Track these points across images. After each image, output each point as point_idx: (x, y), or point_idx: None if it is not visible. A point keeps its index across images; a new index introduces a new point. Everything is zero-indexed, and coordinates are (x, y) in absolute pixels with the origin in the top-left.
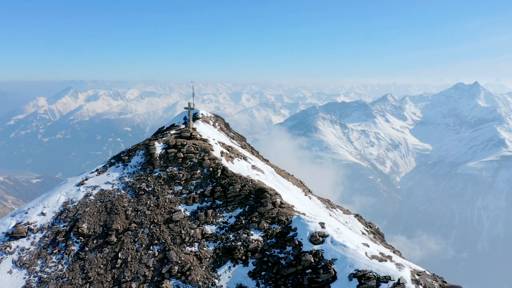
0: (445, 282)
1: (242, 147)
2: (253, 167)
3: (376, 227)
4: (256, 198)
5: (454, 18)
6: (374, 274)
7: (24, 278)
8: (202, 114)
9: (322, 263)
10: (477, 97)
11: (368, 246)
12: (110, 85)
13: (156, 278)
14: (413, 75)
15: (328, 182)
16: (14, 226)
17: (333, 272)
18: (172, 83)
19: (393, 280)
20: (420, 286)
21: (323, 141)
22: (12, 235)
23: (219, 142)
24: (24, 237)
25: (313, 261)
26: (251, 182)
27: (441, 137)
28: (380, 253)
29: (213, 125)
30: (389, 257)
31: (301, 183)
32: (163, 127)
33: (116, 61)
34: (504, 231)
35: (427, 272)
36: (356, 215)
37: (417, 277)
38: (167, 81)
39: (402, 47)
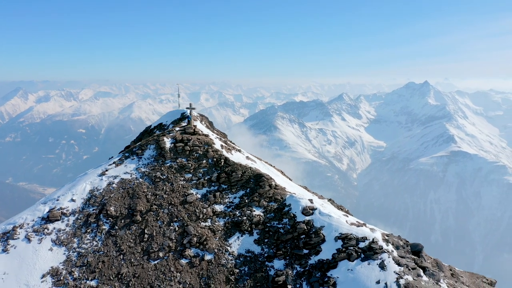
0: (408, 241)
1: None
2: (247, 157)
3: (346, 209)
4: (255, 182)
5: (404, 19)
6: (354, 236)
7: (64, 253)
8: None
9: (313, 230)
10: (427, 96)
11: (348, 216)
12: (62, 85)
13: (178, 248)
14: (367, 75)
15: None
16: (49, 211)
17: (322, 236)
18: (127, 83)
19: (369, 240)
20: (389, 243)
21: (283, 140)
22: (48, 219)
23: (217, 137)
24: (58, 220)
25: (306, 228)
26: (250, 169)
27: (394, 134)
28: (357, 221)
29: (200, 123)
30: (364, 224)
31: (282, 172)
32: (150, 126)
33: (68, 61)
34: (455, 223)
35: (394, 234)
36: (329, 200)
37: (386, 237)
38: (122, 81)
39: (356, 47)
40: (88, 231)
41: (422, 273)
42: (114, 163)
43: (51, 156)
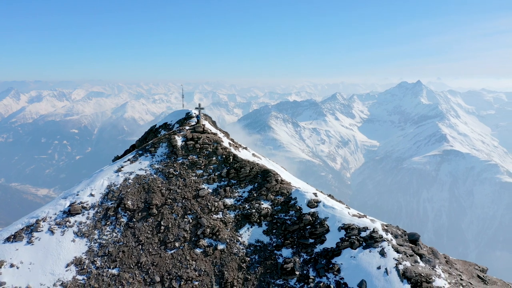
0: (405, 231)
1: None
2: (253, 155)
3: (346, 205)
4: (263, 177)
5: (396, 19)
6: (356, 226)
7: (86, 244)
8: (195, 113)
9: (318, 221)
10: (420, 95)
11: (349, 208)
12: (55, 85)
13: (193, 238)
14: (360, 75)
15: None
16: (70, 205)
17: (327, 226)
18: (120, 83)
19: (370, 229)
20: (388, 232)
21: (277, 140)
22: (69, 213)
23: (224, 136)
24: (79, 213)
25: (311, 219)
26: (257, 165)
27: (387, 134)
28: (358, 213)
29: (207, 122)
30: (365, 216)
31: (285, 169)
32: (155, 125)
33: (60, 61)
34: (448, 221)
35: (392, 225)
36: (329, 195)
37: (386, 227)
38: (115, 81)
39: (349, 47)
40: (107, 223)
41: (419, 260)
42: (128, 160)
43: (43, 156)
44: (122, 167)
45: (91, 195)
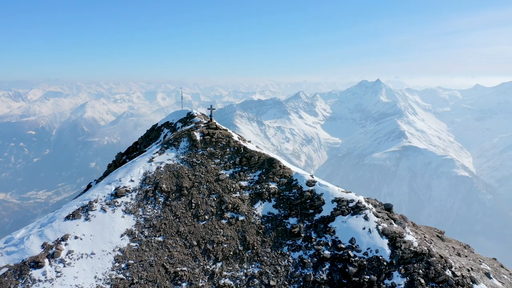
0: (382, 203)
1: None
2: (257, 147)
3: None
4: (269, 164)
5: (355, 18)
6: (345, 199)
7: (134, 219)
8: (196, 113)
9: (316, 196)
10: (379, 93)
11: (339, 187)
12: (9, 85)
13: (218, 212)
14: (322, 73)
15: None
16: (116, 189)
17: (322, 200)
18: (79, 82)
19: (355, 201)
20: (369, 203)
21: None
22: (116, 195)
23: (233, 132)
24: (124, 195)
25: (310, 195)
26: (264, 154)
27: (349, 131)
28: (345, 190)
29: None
30: (350, 191)
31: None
32: (157, 124)
33: (14, 60)
34: (408, 214)
35: (371, 198)
36: None
37: (367, 199)
38: (73, 80)
39: (311, 46)
40: (148, 202)
41: (393, 222)
42: (157, 152)
43: None
44: (153, 158)
45: (131, 180)
